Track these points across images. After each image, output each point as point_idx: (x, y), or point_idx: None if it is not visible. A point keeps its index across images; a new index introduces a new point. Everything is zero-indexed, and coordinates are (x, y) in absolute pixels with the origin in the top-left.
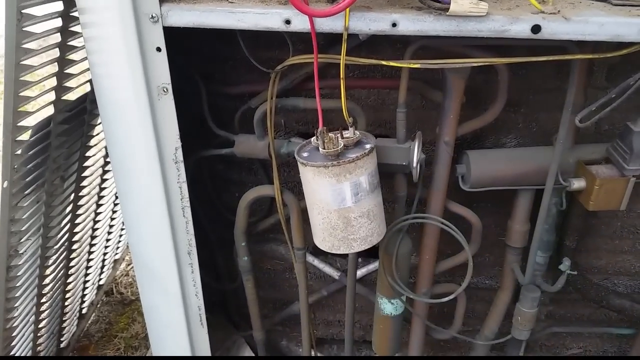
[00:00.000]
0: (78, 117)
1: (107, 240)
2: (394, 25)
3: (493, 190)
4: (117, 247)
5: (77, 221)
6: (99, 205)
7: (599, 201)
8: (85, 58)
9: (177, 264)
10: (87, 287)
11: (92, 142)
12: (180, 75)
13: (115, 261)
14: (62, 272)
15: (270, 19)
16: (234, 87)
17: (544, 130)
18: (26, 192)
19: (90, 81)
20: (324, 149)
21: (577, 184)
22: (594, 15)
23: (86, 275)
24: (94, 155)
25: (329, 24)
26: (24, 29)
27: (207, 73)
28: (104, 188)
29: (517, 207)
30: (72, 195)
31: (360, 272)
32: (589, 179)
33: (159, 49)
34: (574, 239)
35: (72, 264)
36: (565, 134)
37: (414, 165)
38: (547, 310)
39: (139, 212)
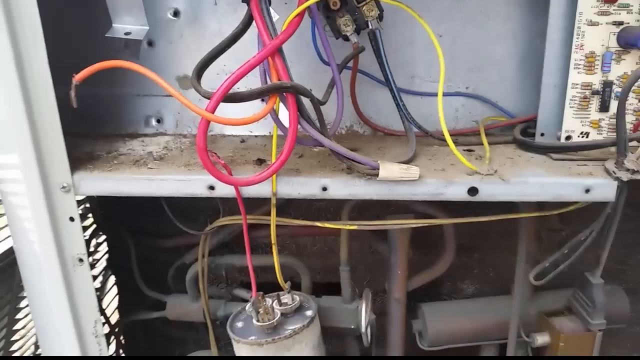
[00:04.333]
0: (6, 270)
1: None
2: (324, 189)
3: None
4: None
5: None
6: None
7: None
8: None
9: None
10: None
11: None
12: (114, 232)
13: None
14: None
15: (193, 186)
16: (168, 240)
17: (500, 276)
18: None
19: None
20: (258, 321)
21: (541, 339)
22: (534, 176)
23: None
24: (26, 307)
25: (255, 190)
26: None
27: (140, 226)
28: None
29: None
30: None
31: None
32: (553, 335)
33: (72, 219)
34: None
35: None
36: (522, 287)
37: (363, 329)
38: None
39: None
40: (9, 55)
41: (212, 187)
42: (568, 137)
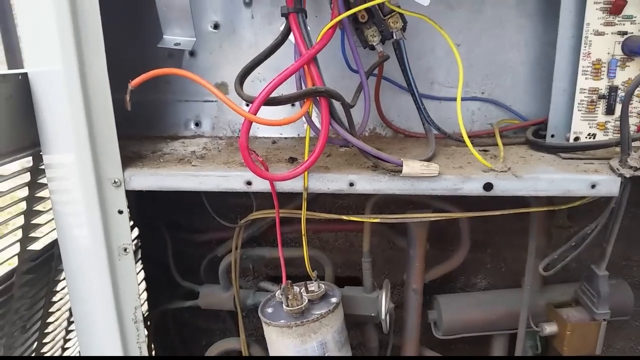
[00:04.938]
0: (44, 266)
1: None
2: (351, 184)
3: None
4: None
5: None
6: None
7: (573, 346)
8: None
9: None
10: None
11: (59, 286)
12: (148, 225)
13: None
14: None
15: (232, 181)
16: (201, 234)
17: (512, 270)
18: None
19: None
20: (288, 306)
21: (549, 328)
22: (544, 172)
23: None
24: (61, 300)
25: (289, 185)
26: None
27: (175, 221)
28: (70, 339)
29: (492, 352)
30: (35, 343)
31: None
32: (561, 324)
33: (120, 212)
34: None
35: None
36: (532, 279)
37: (383, 316)
38: None
39: None
40: (74, 62)
41: (249, 183)
42: (576, 138)
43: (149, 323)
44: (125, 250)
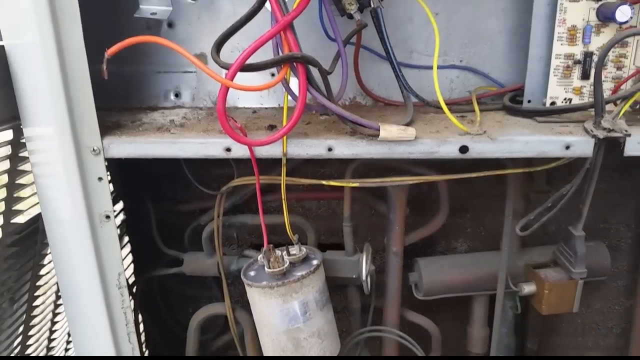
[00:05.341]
0: (29, 238)
1: None
2: (329, 150)
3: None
4: None
5: (28, 342)
6: (53, 332)
7: (551, 305)
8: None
9: None
10: None
11: (46, 260)
12: (133, 198)
13: None
14: None
15: (211, 148)
16: (185, 204)
17: (492, 234)
18: None
19: None
20: (269, 268)
21: (528, 288)
22: (519, 135)
23: None
24: (48, 273)
25: (268, 151)
26: None
27: (158, 191)
28: (59, 313)
29: (473, 313)
30: (24, 316)
31: None
32: (539, 284)
33: (100, 179)
34: (536, 341)
35: None
36: (510, 241)
37: (364, 278)
38: None
39: (84, 338)
40: (50, 34)
41: (228, 149)
42: (552, 103)
43: (134, 290)
44: (107, 217)
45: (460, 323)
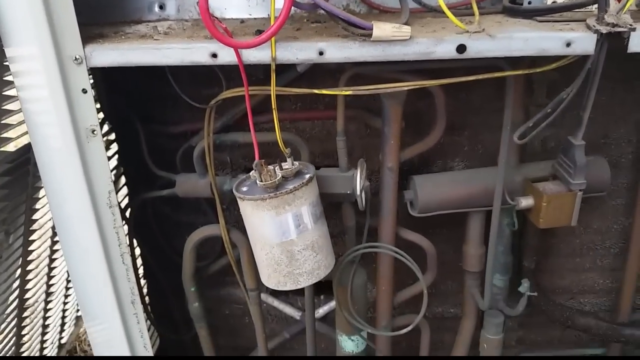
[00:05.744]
0: (21, 168)
1: (66, 296)
2: (320, 53)
3: (445, 214)
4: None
5: (28, 277)
6: (52, 260)
7: (549, 218)
8: None
9: (120, 314)
10: (45, 347)
11: (41, 193)
12: (121, 117)
13: (78, 318)
14: (13, 331)
15: (197, 53)
16: (176, 126)
17: (489, 152)
18: None
19: None
20: (262, 181)
21: (525, 202)
22: (518, 32)
23: (44, 334)
24: (44, 207)
25: (255, 55)
26: None
27: (148, 113)
28: (57, 241)
29: (469, 230)
30: (21, 249)
31: (323, 310)
32: (537, 197)
33: (84, 91)
34: (533, 260)
35: (25, 323)
36: (507, 153)
37: (358, 192)
38: (517, 335)
39: (78, 260)
40: None
41: (214, 55)
42: (554, 2)
43: (128, 215)
44: (93, 132)
45: (456, 244)
